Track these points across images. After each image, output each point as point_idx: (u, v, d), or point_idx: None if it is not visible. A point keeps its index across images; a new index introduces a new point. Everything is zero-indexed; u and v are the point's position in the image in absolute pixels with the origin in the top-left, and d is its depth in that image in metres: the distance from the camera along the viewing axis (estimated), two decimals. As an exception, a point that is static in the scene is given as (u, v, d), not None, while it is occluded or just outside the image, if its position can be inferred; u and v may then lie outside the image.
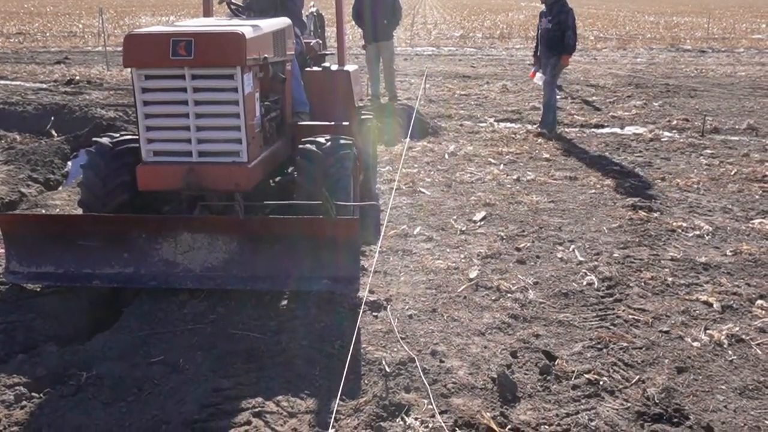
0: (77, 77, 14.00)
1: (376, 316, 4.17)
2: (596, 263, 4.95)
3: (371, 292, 4.41)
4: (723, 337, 3.92)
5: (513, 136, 9.22)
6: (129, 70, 4.32)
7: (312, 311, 4.11)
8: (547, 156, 8.17)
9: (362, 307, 4.11)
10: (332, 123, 5.41)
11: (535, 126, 9.68)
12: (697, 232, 5.57)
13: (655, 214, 5.98)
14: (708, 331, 4.00)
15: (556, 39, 9.03)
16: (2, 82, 13.39)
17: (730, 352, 3.81)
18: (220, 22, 5.01)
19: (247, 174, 4.34)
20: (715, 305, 4.32)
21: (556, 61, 9.10)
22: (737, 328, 4.03)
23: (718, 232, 5.60)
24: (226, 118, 4.32)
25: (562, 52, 9.05)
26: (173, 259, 4.22)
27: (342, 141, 4.88)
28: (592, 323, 4.12)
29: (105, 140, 4.75)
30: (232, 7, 5.68)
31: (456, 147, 8.56)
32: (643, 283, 4.64)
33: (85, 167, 4.67)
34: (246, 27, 4.39)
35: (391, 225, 5.72)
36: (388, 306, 4.29)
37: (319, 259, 4.11)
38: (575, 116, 10.61)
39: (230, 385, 3.40)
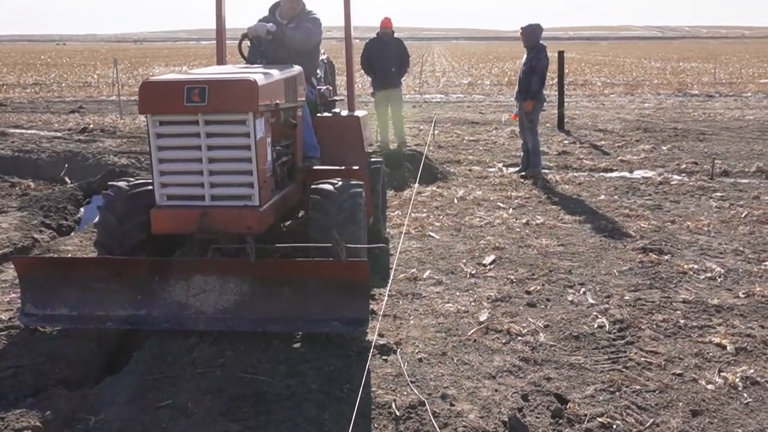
0: (91, 125, 14.25)
1: (385, 360, 4.14)
2: (607, 306, 4.92)
3: (381, 335, 4.39)
4: (738, 380, 3.86)
5: (522, 180, 9.25)
6: (143, 117, 4.41)
7: (321, 355, 4.09)
8: (556, 200, 8.19)
9: (372, 350, 4.09)
10: (343, 167, 5.47)
11: (516, 169, 9.77)
12: (709, 275, 5.54)
13: (666, 257, 5.96)
14: (722, 374, 3.95)
15: (527, 83, 9.17)
16: (18, 131, 13.63)
17: (745, 394, 3.75)
18: (233, 70, 5.12)
19: (258, 217, 4.39)
20: (728, 347, 4.27)
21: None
22: (752, 371, 3.97)
23: (730, 274, 5.56)
24: (239, 162, 4.38)
25: (527, 97, 9.17)
26: (185, 302, 4.25)
27: (353, 182, 4.96)
28: (604, 366, 4.08)
29: (122, 183, 4.85)
30: (246, 55, 5.81)
31: (465, 192, 8.60)
32: (655, 326, 4.60)
33: (103, 208, 4.76)
34: (258, 74, 4.49)
35: (400, 269, 5.73)
36: (398, 349, 4.26)
37: (329, 301, 4.12)
38: (584, 160, 10.66)
39: (239, 429, 3.37)
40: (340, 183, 4.90)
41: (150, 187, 4.59)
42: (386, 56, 11.02)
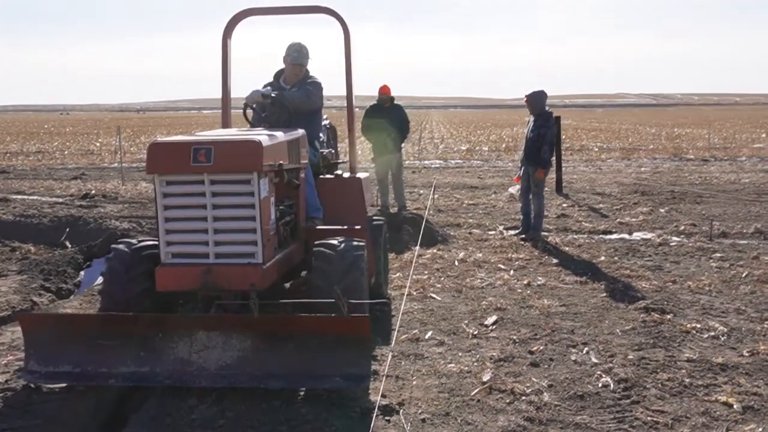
0: (93, 191, 14.34)
1: (388, 420, 4.09)
2: (611, 365, 4.88)
3: (383, 396, 4.34)
4: (746, 439, 3.81)
5: (522, 242, 9.29)
6: (145, 183, 4.52)
7: (323, 415, 4.03)
8: (557, 261, 8.20)
9: (375, 411, 4.04)
10: (345, 227, 5.53)
11: (516, 231, 9.82)
12: (712, 333, 5.52)
13: (669, 316, 5.94)
14: (730, 433, 3.90)
15: (535, 150, 9.29)
16: (20, 196, 13.72)
17: (754, 453, 3.70)
18: (238, 132, 5.24)
19: (261, 274, 4.43)
20: (735, 406, 4.22)
21: (534, 172, 9.34)
22: (760, 429, 3.92)
23: (734, 333, 5.54)
24: (243, 221, 4.46)
25: (538, 166, 9.28)
26: (188, 358, 4.24)
27: (355, 239, 5.06)
28: (610, 425, 4.02)
29: (132, 240, 4.97)
30: (250, 120, 5.96)
31: (465, 254, 8.62)
32: (660, 385, 4.56)
33: (111, 259, 4.83)
34: (262, 135, 4.62)
35: (402, 330, 5.70)
36: (401, 410, 4.21)
37: (330, 357, 4.11)
38: (583, 223, 10.72)
39: (240, 490, 3.30)
40: (342, 238, 5.00)
41: (156, 242, 4.65)
42: (386, 122, 11.20)
